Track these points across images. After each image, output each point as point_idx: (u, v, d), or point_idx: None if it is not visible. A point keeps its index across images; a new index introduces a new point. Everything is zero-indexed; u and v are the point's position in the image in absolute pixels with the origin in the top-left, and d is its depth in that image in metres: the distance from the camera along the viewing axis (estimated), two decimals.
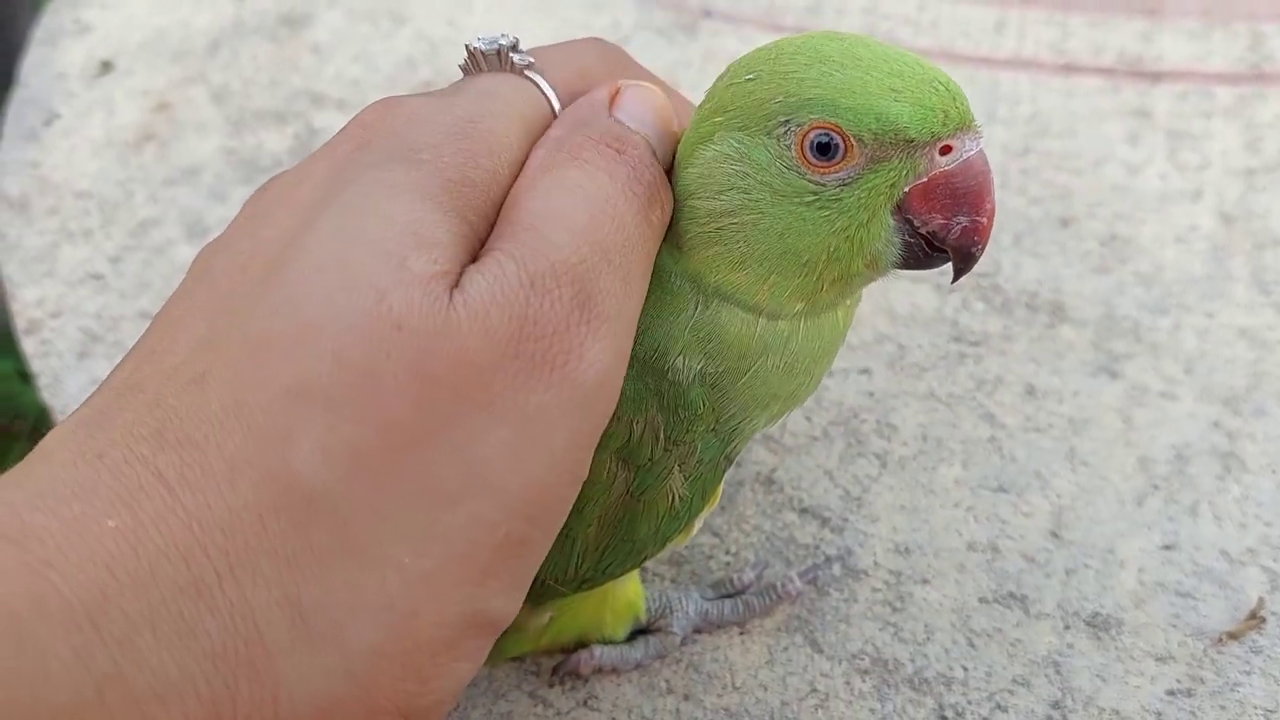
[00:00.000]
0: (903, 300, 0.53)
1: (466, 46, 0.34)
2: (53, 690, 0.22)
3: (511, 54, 0.34)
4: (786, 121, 0.31)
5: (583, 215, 0.29)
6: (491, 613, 0.28)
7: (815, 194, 0.32)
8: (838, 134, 0.31)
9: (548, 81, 0.34)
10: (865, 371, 0.50)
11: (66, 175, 0.63)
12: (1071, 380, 0.49)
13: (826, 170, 0.31)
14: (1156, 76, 0.63)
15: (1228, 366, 0.49)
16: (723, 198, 0.32)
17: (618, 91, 0.34)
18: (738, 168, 0.32)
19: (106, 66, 0.71)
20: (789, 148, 0.31)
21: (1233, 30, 0.64)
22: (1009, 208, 0.56)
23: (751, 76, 0.32)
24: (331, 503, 0.25)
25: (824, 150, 0.31)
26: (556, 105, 0.34)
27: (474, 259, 0.29)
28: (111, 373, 0.29)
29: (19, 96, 0.69)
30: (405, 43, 0.69)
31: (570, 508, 0.30)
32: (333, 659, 0.25)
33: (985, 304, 0.52)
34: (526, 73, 0.34)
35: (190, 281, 0.30)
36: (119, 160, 0.64)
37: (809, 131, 0.31)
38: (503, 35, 0.34)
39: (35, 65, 0.72)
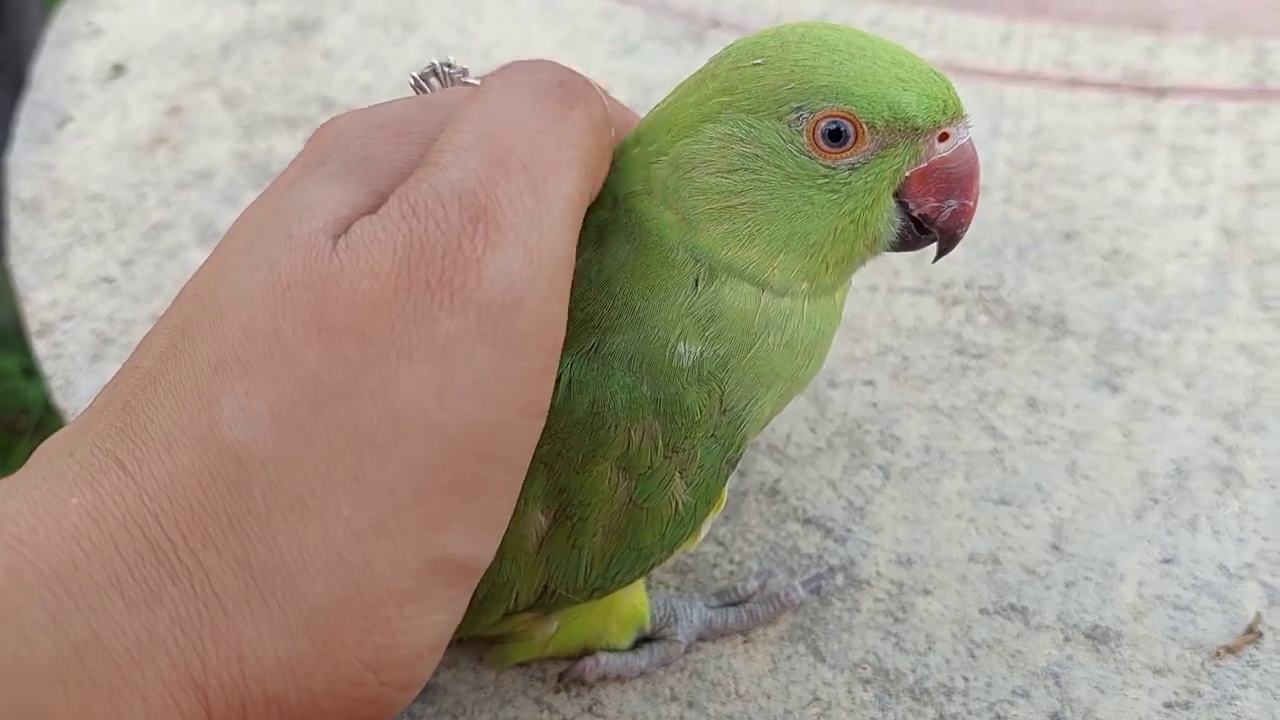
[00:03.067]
0: (907, 313, 0.53)
1: (410, 79, 0.37)
2: (35, 654, 0.24)
3: (445, 69, 0.36)
4: (799, 108, 0.32)
5: (471, 133, 0.29)
6: (459, 557, 0.27)
7: (826, 178, 0.33)
8: (850, 121, 0.33)
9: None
10: (869, 383, 0.51)
11: (79, 178, 0.64)
12: (1073, 393, 0.50)
13: (837, 155, 0.33)
14: (1161, 91, 0.63)
15: (1228, 382, 0.50)
16: (731, 177, 0.33)
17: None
18: (748, 149, 0.33)
19: (118, 70, 0.71)
20: (800, 133, 0.33)
21: (1237, 46, 0.65)
22: (1013, 221, 0.57)
23: (760, 61, 0.33)
24: (261, 462, 0.26)
25: (835, 137, 0.33)
26: None
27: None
28: (96, 396, 0.31)
29: (31, 99, 0.70)
30: (416, 49, 0.70)
31: (530, 444, 0.29)
32: (289, 617, 0.26)
33: (988, 317, 0.53)
34: (462, 80, 0.36)
35: (166, 311, 0.33)
36: (131, 163, 0.64)
37: (822, 119, 0.32)
38: (437, 59, 0.37)
39: (48, 68, 0.72)
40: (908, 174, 0.34)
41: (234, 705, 0.26)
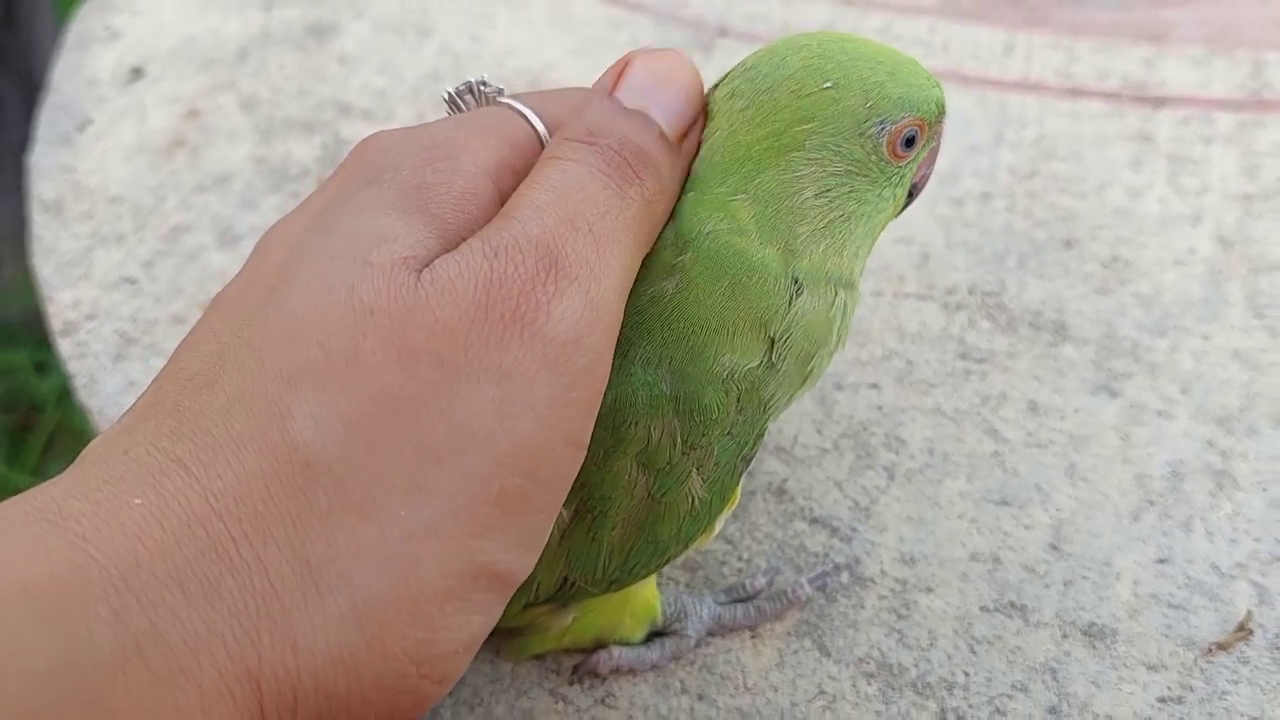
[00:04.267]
0: (911, 318, 0.55)
1: (444, 95, 0.39)
2: (97, 647, 0.25)
3: (481, 87, 0.38)
4: (882, 122, 0.36)
5: (548, 195, 0.32)
6: (497, 566, 0.30)
7: (899, 177, 0.38)
8: (919, 126, 0.37)
9: (534, 112, 0.37)
10: (875, 386, 0.52)
11: (100, 180, 0.65)
12: (1073, 398, 0.51)
13: (907, 157, 0.37)
14: (1160, 101, 0.64)
15: (1222, 387, 0.51)
16: (828, 195, 0.36)
17: (626, 65, 0.36)
18: (839, 166, 0.36)
19: (137, 73, 0.72)
20: (882, 144, 0.36)
21: (1235, 58, 0.66)
22: (1015, 229, 0.58)
23: (829, 85, 0.36)
24: (328, 465, 0.28)
25: (910, 143, 0.37)
26: (533, 118, 0.37)
27: (447, 242, 0.32)
28: (140, 397, 0.32)
29: (51, 101, 0.71)
30: (430, 55, 0.71)
31: (572, 474, 0.32)
32: (343, 609, 0.28)
33: (991, 322, 0.54)
34: (498, 99, 0.38)
35: (203, 315, 0.34)
36: (151, 166, 0.66)
37: (901, 129, 0.37)
38: (471, 76, 0.39)
39: (67, 71, 0.74)
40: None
41: (286, 696, 0.27)
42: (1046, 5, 0.71)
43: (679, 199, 0.36)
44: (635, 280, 0.35)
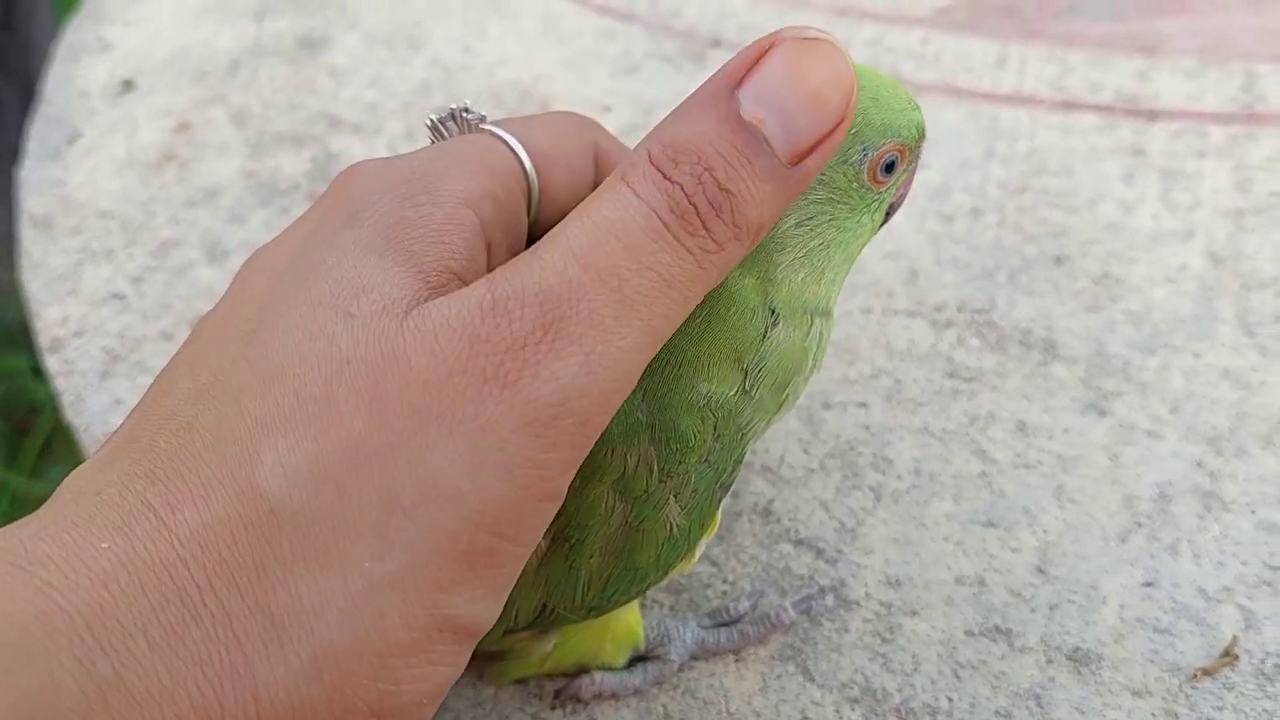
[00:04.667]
0: (900, 335, 0.54)
1: (427, 121, 0.38)
2: (60, 695, 0.25)
3: (464, 114, 0.37)
4: (865, 148, 0.35)
5: (587, 236, 0.30)
6: (463, 618, 0.29)
7: (878, 202, 0.37)
8: (899, 151, 0.36)
9: (520, 142, 0.36)
10: (862, 405, 0.52)
11: (89, 194, 0.65)
12: (1062, 418, 0.51)
13: (887, 182, 0.37)
14: (1152, 115, 0.64)
15: (1212, 407, 0.51)
16: (809, 224, 0.36)
17: (766, 52, 0.30)
18: (821, 195, 0.36)
19: (128, 85, 0.72)
20: (862, 170, 0.36)
21: (1227, 70, 0.66)
22: (1005, 245, 0.58)
23: None
24: (293, 513, 0.27)
25: (890, 168, 0.36)
26: (515, 145, 0.36)
27: (429, 279, 0.31)
28: (116, 430, 0.32)
29: (43, 113, 0.71)
30: (421, 68, 0.71)
31: (544, 525, 0.31)
32: (304, 660, 0.27)
33: (980, 340, 0.54)
34: (481, 126, 0.37)
35: (184, 345, 0.34)
36: (141, 180, 0.66)
37: (881, 155, 0.36)
38: (454, 103, 0.38)
39: (58, 82, 0.74)
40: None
41: None
42: (1040, 17, 0.71)
43: None
44: None
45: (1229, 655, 0.43)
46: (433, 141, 0.38)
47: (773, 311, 0.35)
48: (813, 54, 0.30)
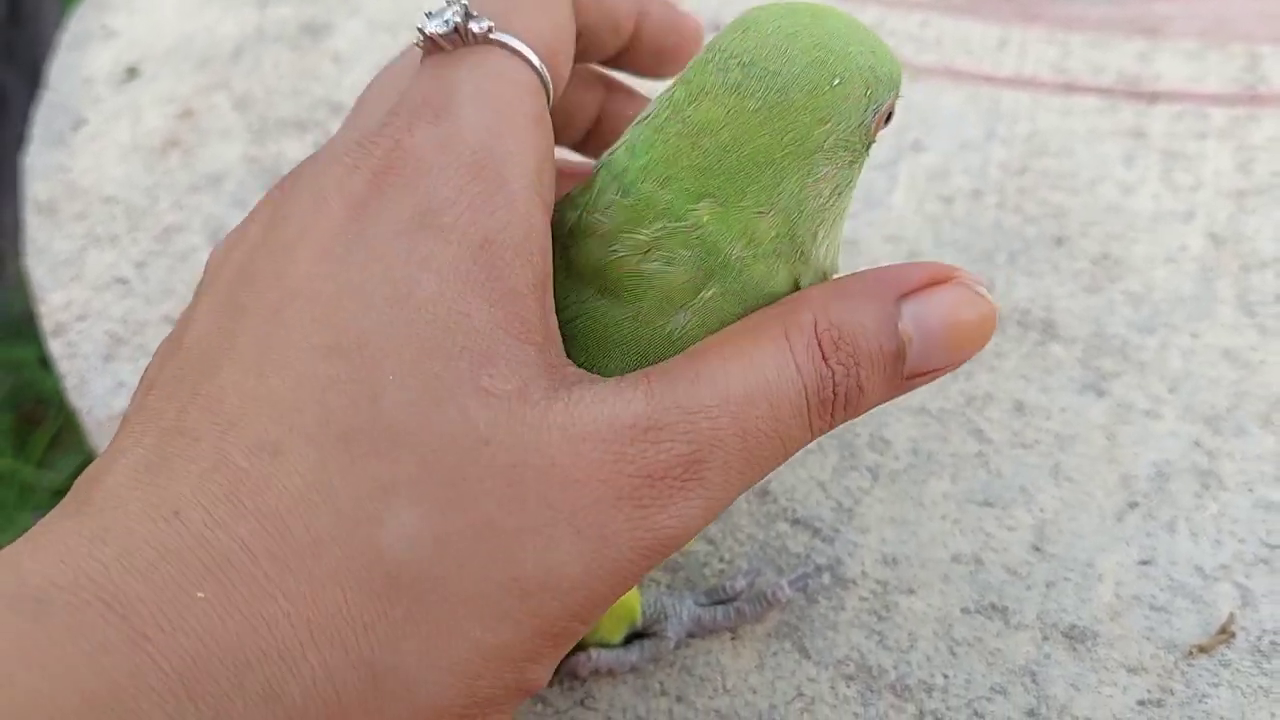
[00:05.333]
0: None
1: (421, 30, 0.33)
2: None
3: (470, 26, 0.33)
4: (876, 106, 0.34)
5: (741, 389, 0.30)
6: (532, 684, 0.30)
7: (869, 151, 0.35)
8: (894, 100, 0.35)
9: (518, 38, 0.33)
10: None
11: (94, 180, 0.65)
12: (1059, 397, 0.51)
13: (880, 130, 0.35)
14: (1153, 97, 0.64)
15: (1211, 386, 0.51)
16: (838, 192, 0.35)
17: (939, 283, 0.32)
18: (846, 159, 0.34)
19: (132, 72, 0.73)
20: (871, 125, 0.34)
21: (1229, 51, 0.66)
22: (1005, 226, 0.58)
23: (838, 80, 0.33)
24: (412, 581, 0.27)
25: (889, 117, 0.35)
26: (537, 63, 0.34)
27: (529, 326, 0.30)
28: (147, 393, 0.30)
29: (47, 100, 0.72)
30: None
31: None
32: (400, 714, 0.28)
33: None
34: (492, 36, 0.33)
35: (214, 298, 0.31)
36: (145, 166, 0.66)
37: (888, 108, 0.35)
38: (450, 6, 0.33)
39: (63, 69, 0.74)
40: None
41: None
42: (1041, 0, 0.70)
43: (697, 206, 0.33)
44: (649, 312, 0.34)
45: (1225, 632, 0.43)
46: (424, 51, 0.34)
47: (797, 286, 0.35)
48: (975, 309, 0.32)
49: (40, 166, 0.67)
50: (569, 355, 0.33)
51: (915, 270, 0.33)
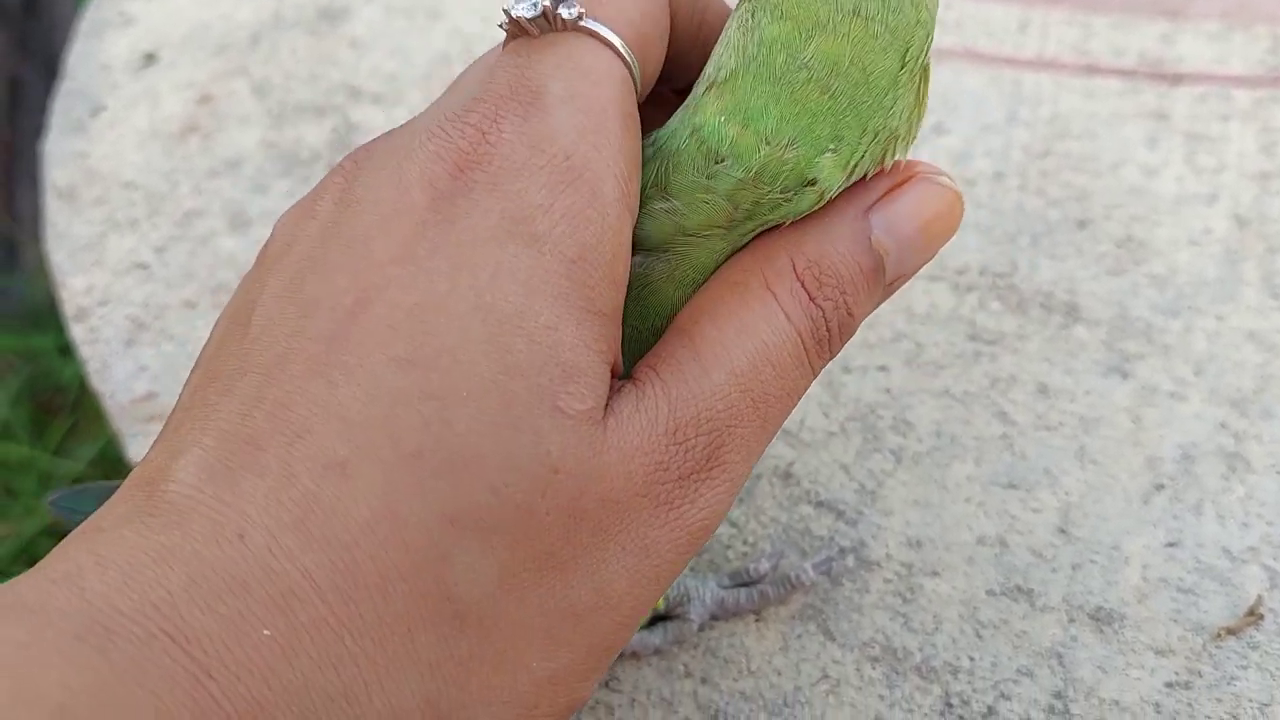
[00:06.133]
0: (920, 299, 0.54)
1: (507, 13, 0.31)
2: None
3: (559, 11, 0.30)
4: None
5: (744, 359, 0.30)
6: (581, 700, 0.30)
7: None
8: None
9: (608, 27, 0.31)
10: (883, 369, 0.52)
11: (113, 166, 0.65)
12: (1084, 380, 0.51)
13: None
14: (1176, 78, 0.63)
15: (1236, 369, 0.50)
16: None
17: (904, 181, 0.32)
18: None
19: (150, 59, 0.73)
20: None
21: (1253, 33, 0.65)
22: (1027, 209, 0.58)
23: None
24: (478, 617, 0.27)
25: None
26: (628, 56, 0.31)
27: (610, 354, 0.29)
28: (208, 383, 0.29)
29: (66, 88, 0.72)
30: (441, 38, 0.71)
31: None
32: None
33: (1001, 303, 0.54)
34: (582, 24, 0.31)
35: (282, 280, 0.30)
36: (164, 152, 0.66)
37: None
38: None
39: (81, 57, 0.74)
40: None
41: None
42: None
43: (820, 159, 0.30)
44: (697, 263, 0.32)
45: (1254, 614, 0.42)
46: (508, 35, 0.31)
47: None
48: (942, 200, 0.32)
49: (59, 153, 0.67)
50: None
51: (879, 182, 0.32)
